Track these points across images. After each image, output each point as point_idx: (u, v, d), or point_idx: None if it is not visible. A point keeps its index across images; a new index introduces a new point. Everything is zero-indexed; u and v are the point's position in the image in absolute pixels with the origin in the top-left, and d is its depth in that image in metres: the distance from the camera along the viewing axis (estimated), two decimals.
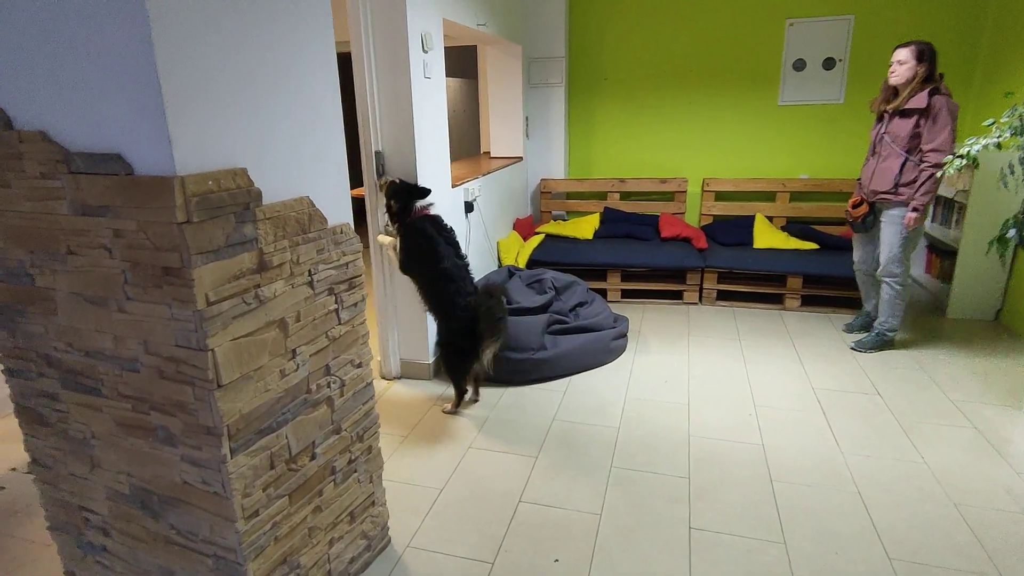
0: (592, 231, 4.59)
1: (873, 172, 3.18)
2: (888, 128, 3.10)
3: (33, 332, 1.47)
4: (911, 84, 2.98)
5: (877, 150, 3.18)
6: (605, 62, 4.87)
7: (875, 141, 3.19)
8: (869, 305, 3.56)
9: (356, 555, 1.82)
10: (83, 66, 1.16)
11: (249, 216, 1.30)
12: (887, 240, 3.19)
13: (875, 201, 3.21)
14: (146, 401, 1.36)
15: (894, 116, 3.06)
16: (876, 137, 3.19)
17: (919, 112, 2.96)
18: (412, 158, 2.79)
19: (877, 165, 3.16)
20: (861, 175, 3.34)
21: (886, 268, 3.22)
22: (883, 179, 3.12)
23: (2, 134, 1.29)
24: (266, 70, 1.34)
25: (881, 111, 3.15)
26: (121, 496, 1.53)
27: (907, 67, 2.98)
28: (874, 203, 3.23)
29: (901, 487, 2.22)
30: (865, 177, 3.26)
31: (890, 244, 3.17)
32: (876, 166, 3.16)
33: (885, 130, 3.12)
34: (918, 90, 2.96)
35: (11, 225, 1.37)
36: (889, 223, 3.16)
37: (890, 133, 3.09)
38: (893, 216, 3.14)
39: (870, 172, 3.21)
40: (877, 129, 3.19)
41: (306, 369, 1.53)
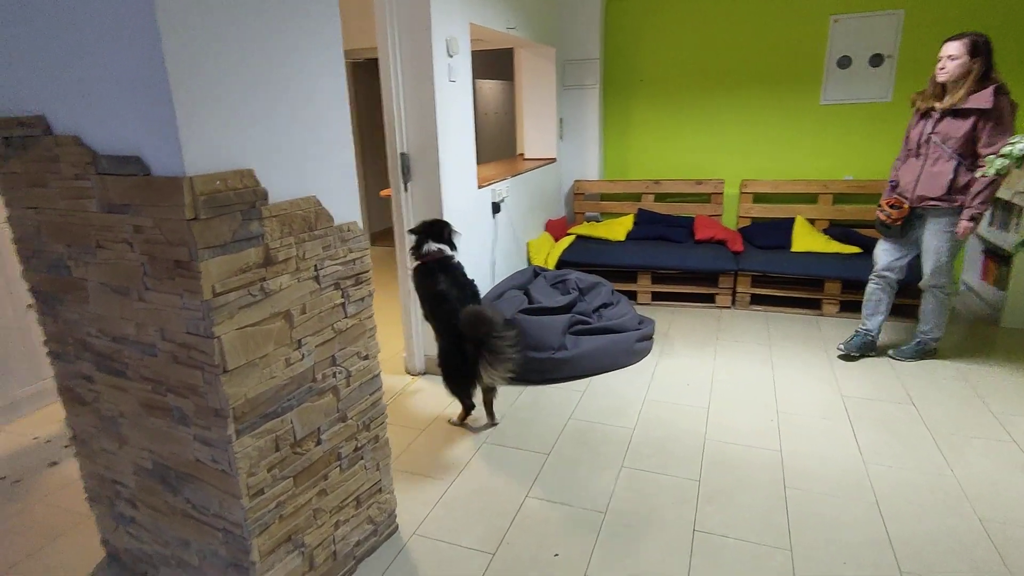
0: (625, 233, 4.57)
1: (919, 176, 2.93)
2: (938, 128, 2.85)
3: (70, 319, 1.62)
4: (965, 81, 2.74)
5: (922, 151, 2.93)
6: (641, 63, 4.84)
7: (919, 141, 2.94)
8: (873, 323, 3.24)
9: (362, 539, 1.90)
10: (107, 78, 1.28)
11: (255, 214, 1.40)
12: (935, 249, 2.97)
13: (920, 207, 2.99)
14: (163, 384, 1.48)
15: (945, 115, 2.81)
16: (920, 137, 2.93)
17: (979, 112, 2.72)
18: (436, 160, 2.87)
19: (924, 168, 2.91)
20: (897, 177, 3.10)
21: (934, 279, 3.03)
22: (933, 184, 2.87)
23: (43, 139, 1.44)
24: (273, 78, 1.44)
25: (926, 108, 2.91)
26: (145, 471, 1.66)
27: (958, 63, 2.73)
28: (914, 208, 3.01)
29: (924, 499, 2.14)
30: (907, 181, 3.00)
31: (938, 253, 2.96)
32: (923, 169, 2.91)
33: (933, 130, 2.87)
34: (975, 88, 2.73)
35: (50, 221, 1.52)
36: (939, 231, 2.93)
37: (940, 133, 2.83)
38: (943, 224, 2.91)
39: (914, 176, 2.96)
40: (920, 128, 2.93)
41: (312, 359, 1.62)
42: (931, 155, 2.90)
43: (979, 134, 2.75)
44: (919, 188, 2.95)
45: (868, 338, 3.24)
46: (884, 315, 3.22)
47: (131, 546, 1.85)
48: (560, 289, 3.49)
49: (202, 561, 1.64)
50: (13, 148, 1.52)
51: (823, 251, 4.02)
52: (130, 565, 1.90)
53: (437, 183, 2.91)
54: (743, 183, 4.68)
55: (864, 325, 3.27)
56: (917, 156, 2.97)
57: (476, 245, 3.38)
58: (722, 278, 4.12)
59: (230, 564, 1.57)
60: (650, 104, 4.91)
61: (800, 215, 4.49)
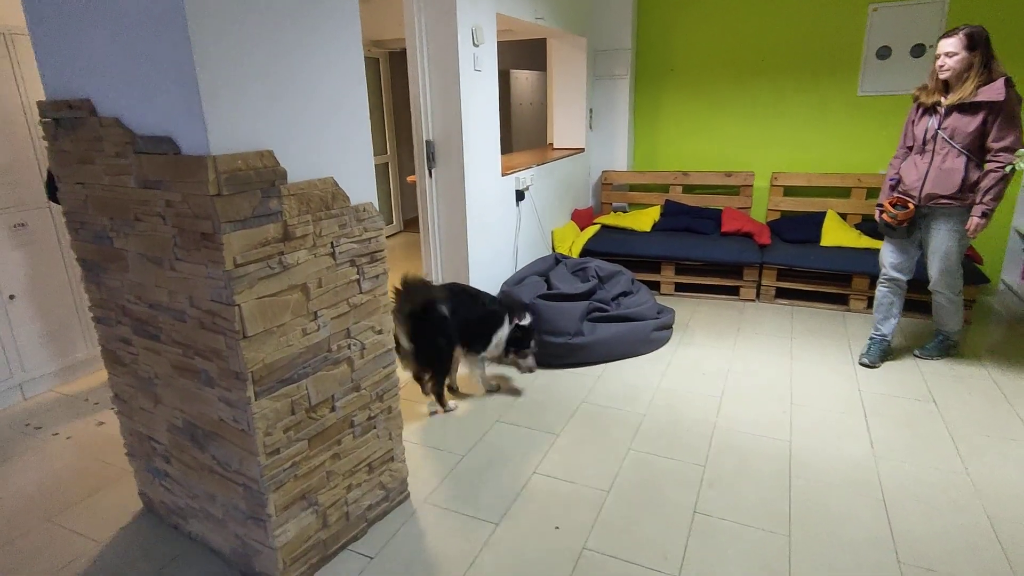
0: (651, 223, 4.58)
1: (926, 174, 2.81)
2: (945, 123, 2.74)
3: (112, 286, 1.77)
4: (969, 75, 2.66)
5: (928, 148, 2.82)
6: (673, 53, 4.81)
7: (924, 138, 2.82)
8: (887, 327, 3.13)
9: (374, 503, 2.01)
10: (142, 64, 1.40)
11: (274, 192, 1.51)
12: (944, 249, 2.86)
13: (929, 206, 2.86)
14: (192, 348, 1.62)
15: (952, 110, 2.72)
16: (925, 133, 2.82)
17: (989, 106, 2.63)
18: (460, 147, 2.95)
19: (934, 165, 2.79)
20: (899, 175, 2.97)
21: (943, 280, 2.93)
22: (945, 182, 2.76)
23: (89, 120, 1.58)
24: (291, 62, 1.54)
25: (931, 104, 2.80)
26: (177, 429, 1.81)
27: (958, 59, 2.64)
28: (920, 207, 2.89)
29: (933, 497, 2.12)
30: (912, 179, 2.88)
31: (947, 253, 2.86)
32: (932, 167, 2.79)
33: (940, 125, 2.77)
34: (982, 80, 2.64)
35: (96, 196, 1.67)
36: (950, 230, 2.83)
37: (948, 129, 2.73)
38: (953, 223, 2.81)
39: (920, 173, 2.84)
40: (924, 123, 2.82)
41: (327, 330, 1.73)
42: (939, 152, 2.79)
43: (988, 128, 2.66)
44: (927, 186, 2.83)
45: (886, 343, 3.16)
46: (897, 318, 3.14)
47: (165, 498, 2.01)
48: (580, 277, 3.54)
49: (225, 514, 1.78)
50: (63, 128, 1.68)
51: (852, 246, 3.95)
52: (164, 516, 2.06)
53: (461, 170, 3.00)
54: (774, 175, 4.61)
55: (879, 330, 3.17)
56: (922, 153, 2.86)
57: (498, 232, 3.45)
58: (747, 271, 4.09)
59: (249, 517, 1.70)
60: (681, 94, 4.87)
61: (832, 209, 4.40)
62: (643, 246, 4.25)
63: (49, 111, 1.69)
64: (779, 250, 4.05)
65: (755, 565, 1.82)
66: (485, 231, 3.28)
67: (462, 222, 3.08)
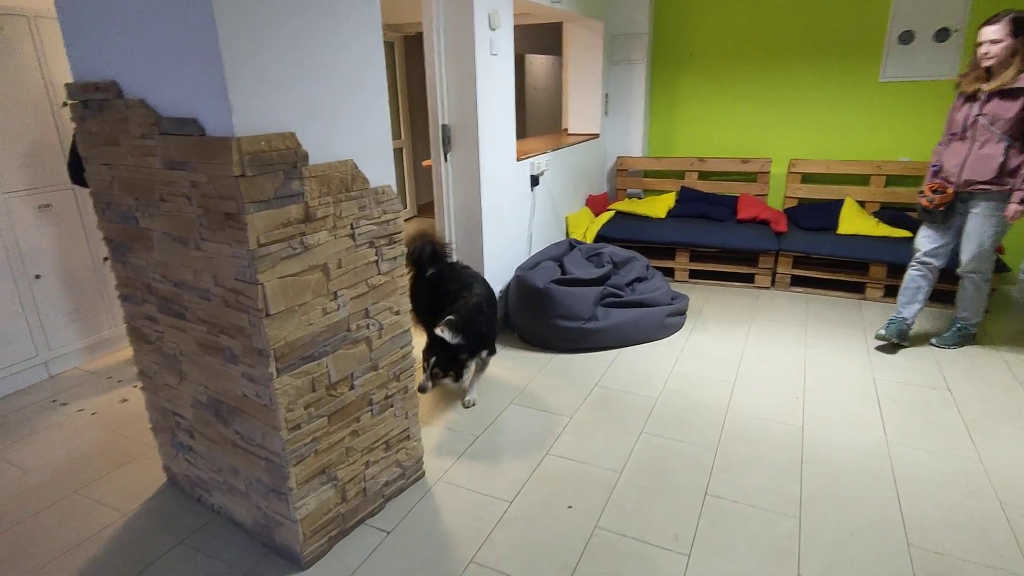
0: (665, 210, 4.56)
1: (965, 159, 2.84)
2: (985, 109, 2.75)
3: (138, 265, 1.81)
4: (1013, 62, 2.65)
5: (968, 134, 2.83)
6: (691, 38, 4.76)
7: (964, 124, 2.85)
8: (909, 311, 3.12)
9: (391, 480, 2.06)
10: (169, 48, 1.43)
11: (296, 173, 1.54)
12: (979, 235, 2.87)
13: (967, 191, 2.88)
14: (216, 325, 1.66)
15: (993, 96, 2.73)
16: (966, 119, 2.84)
17: None
18: (475, 132, 2.96)
19: (972, 151, 2.81)
20: (940, 161, 2.99)
21: (974, 265, 2.93)
22: (983, 167, 2.78)
23: (115, 102, 1.61)
24: (312, 46, 1.56)
25: (972, 91, 2.80)
26: (201, 404, 1.86)
27: (1002, 46, 2.64)
28: (959, 193, 2.92)
29: (944, 482, 2.13)
30: (952, 165, 2.90)
31: (981, 239, 2.87)
32: (971, 152, 2.82)
33: (981, 112, 2.78)
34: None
35: (122, 177, 1.71)
36: (986, 216, 2.84)
37: (988, 115, 2.74)
38: (990, 208, 2.82)
39: (960, 159, 2.86)
40: (966, 110, 2.84)
41: (347, 310, 1.76)
42: (979, 138, 2.80)
43: None
44: (966, 172, 2.85)
45: (904, 326, 3.14)
46: (922, 304, 3.12)
47: (188, 472, 2.07)
48: (594, 262, 3.55)
49: (248, 487, 1.84)
50: (90, 110, 1.71)
51: (870, 234, 3.91)
52: (187, 489, 2.13)
53: (476, 155, 3.01)
54: (792, 162, 4.57)
55: (900, 313, 3.15)
56: (963, 139, 2.87)
57: (513, 217, 3.47)
58: (762, 258, 4.07)
59: (271, 490, 1.75)
60: (698, 80, 4.82)
61: (850, 197, 4.36)
62: (658, 232, 4.25)
63: (76, 93, 1.73)
64: (795, 237, 4.03)
65: (765, 546, 1.85)
66: (500, 216, 3.29)
67: (477, 207, 3.10)
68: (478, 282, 2.77)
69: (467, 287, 2.69)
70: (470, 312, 2.56)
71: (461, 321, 2.50)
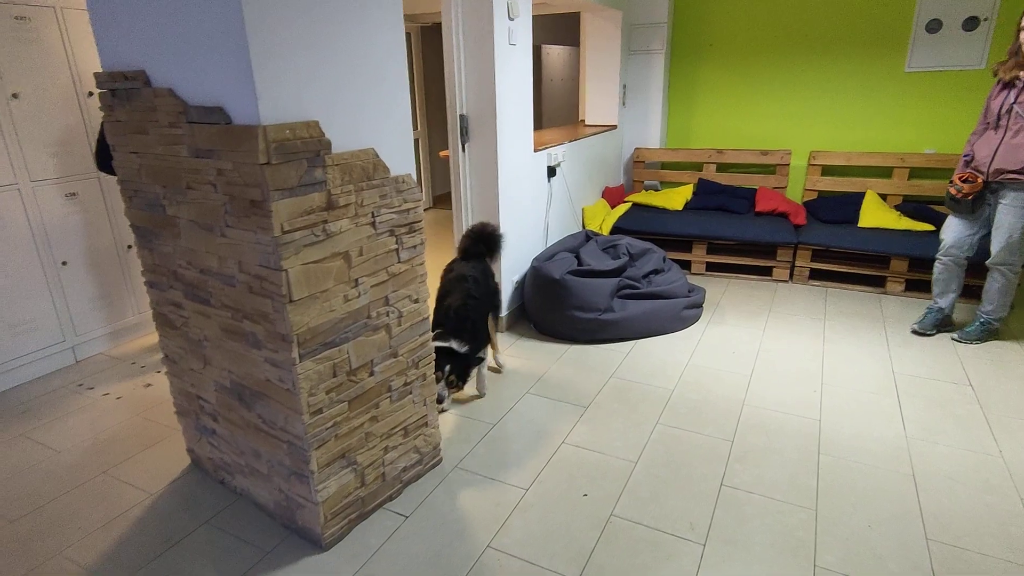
0: (683, 202, 4.53)
1: (997, 148, 2.82)
2: (1021, 98, 2.73)
3: (165, 252, 1.85)
4: None
5: (1002, 123, 2.81)
6: (711, 27, 4.70)
7: (999, 112, 2.82)
8: (945, 301, 3.16)
9: (408, 465, 2.09)
10: (197, 38, 1.45)
11: (319, 162, 1.56)
12: (1008, 225, 2.84)
13: (995, 181, 2.86)
14: (241, 311, 1.69)
15: None
16: (1001, 108, 2.81)
17: None
18: (493, 122, 2.97)
19: (1004, 140, 2.79)
20: (972, 151, 2.97)
21: (1002, 257, 2.90)
22: (1013, 157, 2.76)
23: (143, 91, 1.64)
24: (335, 36, 1.57)
25: (1011, 78, 2.78)
26: (224, 389, 1.90)
27: None
28: (989, 183, 2.89)
29: (964, 476, 2.11)
30: (983, 154, 2.88)
31: (1011, 230, 2.84)
32: (1003, 141, 2.79)
33: (1017, 100, 2.74)
34: None
35: (149, 165, 1.74)
36: (1015, 207, 2.81)
37: (1023, 104, 2.73)
38: (1021, 199, 2.79)
39: (991, 149, 2.84)
40: (1002, 99, 2.82)
41: (367, 298, 1.79)
42: (1012, 127, 2.78)
43: None
44: (996, 161, 2.82)
45: (942, 315, 3.19)
46: (956, 293, 3.15)
47: (212, 455, 2.12)
48: (611, 254, 3.55)
49: (270, 470, 1.88)
50: (119, 99, 1.75)
51: (892, 227, 3.86)
52: (211, 472, 2.18)
53: (494, 145, 3.01)
54: (812, 154, 4.51)
55: (936, 303, 3.21)
56: (996, 128, 2.84)
57: (529, 208, 3.47)
58: (781, 251, 4.03)
59: (293, 473, 1.79)
60: (717, 70, 4.77)
61: (872, 190, 4.29)
62: (675, 224, 4.22)
63: (105, 82, 1.76)
64: (815, 230, 3.98)
65: (781, 537, 1.85)
66: (516, 207, 3.30)
67: (494, 197, 3.11)
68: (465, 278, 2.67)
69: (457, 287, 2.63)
70: (459, 315, 2.51)
71: (453, 329, 2.47)
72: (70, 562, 1.81)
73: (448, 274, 2.75)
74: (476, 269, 2.72)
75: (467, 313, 2.53)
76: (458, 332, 2.47)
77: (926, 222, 3.86)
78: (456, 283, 2.65)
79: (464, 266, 2.73)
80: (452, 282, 2.67)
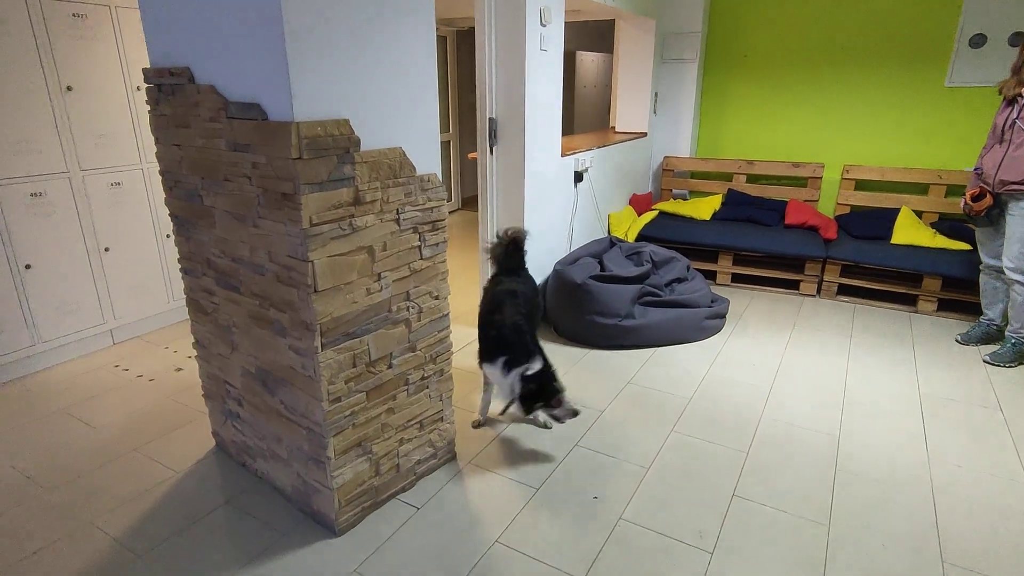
0: (711, 212, 4.50)
1: (1001, 161, 2.92)
2: (1022, 114, 2.83)
3: (200, 240, 1.94)
4: None
5: (1006, 137, 2.91)
6: (746, 38, 4.67)
7: (1003, 127, 2.93)
8: (994, 312, 3.25)
9: (423, 458, 2.14)
10: (238, 39, 1.53)
11: (349, 158, 1.62)
12: (1018, 235, 2.92)
13: (1002, 192, 2.94)
14: (268, 299, 1.76)
15: None
16: (1005, 123, 2.92)
17: None
18: (522, 126, 3.01)
19: (1007, 153, 2.90)
20: (981, 164, 3.07)
21: (1017, 266, 2.94)
22: (1015, 169, 2.86)
23: (187, 87, 1.73)
24: (368, 38, 1.64)
25: (1013, 95, 2.88)
26: (250, 374, 1.97)
27: None
28: (999, 195, 2.96)
29: (987, 500, 2.06)
30: (989, 166, 2.99)
31: (1022, 239, 2.90)
32: (1005, 154, 2.91)
33: (1018, 115, 2.84)
34: None
35: (190, 157, 1.83)
36: (1021, 216, 2.89)
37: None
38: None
39: (996, 161, 2.95)
40: (1006, 115, 2.93)
41: (389, 292, 1.84)
42: (1015, 140, 2.89)
43: None
44: (1000, 173, 2.94)
45: (992, 327, 3.26)
46: (1005, 302, 3.17)
47: (236, 438, 2.20)
48: (634, 260, 3.55)
49: (290, 455, 1.94)
50: (164, 94, 1.84)
51: (927, 245, 3.77)
52: (234, 455, 2.26)
53: (521, 148, 3.06)
54: (846, 168, 4.44)
55: (986, 315, 3.28)
56: (1001, 143, 2.95)
57: (555, 212, 3.50)
58: (809, 265, 3.98)
59: (311, 459, 1.85)
60: (751, 81, 4.74)
61: (907, 206, 4.20)
62: (701, 234, 4.20)
63: (152, 77, 1.86)
64: (845, 245, 3.92)
65: (791, 550, 1.84)
66: (542, 210, 3.33)
67: (520, 200, 3.15)
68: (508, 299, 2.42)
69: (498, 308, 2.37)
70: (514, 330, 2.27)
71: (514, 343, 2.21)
72: (100, 531, 1.90)
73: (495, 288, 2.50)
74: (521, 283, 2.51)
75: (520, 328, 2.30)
76: (525, 351, 2.22)
77: (962, 240, 3.76)
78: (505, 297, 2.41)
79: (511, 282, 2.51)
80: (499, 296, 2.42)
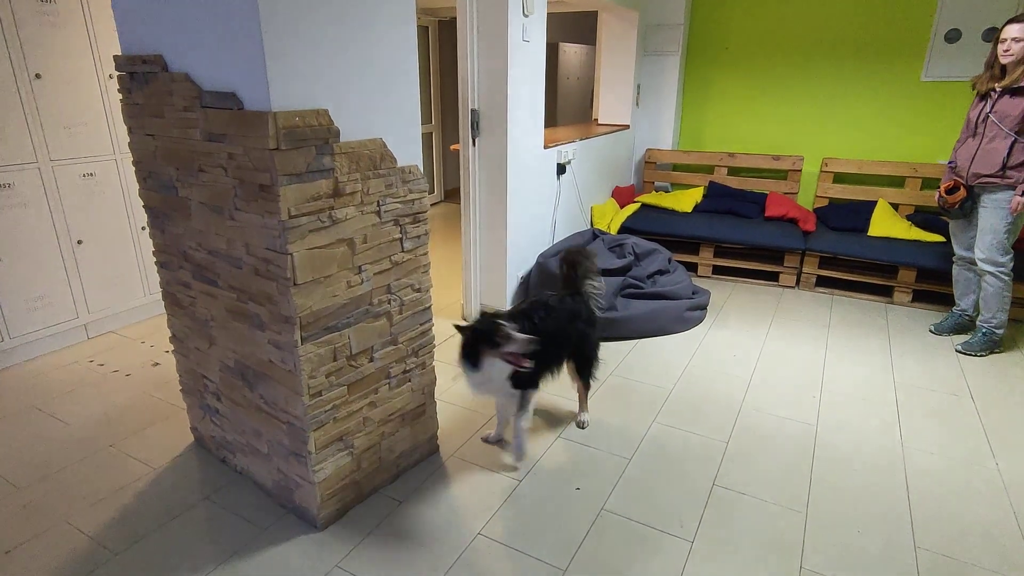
0: (692, 204, 4.53)
1: (974, 154, 2.99)
2: (996, 107, 2.89)
3: (176, 233, 1.90)
4: None
5: (979, 131, 2.97)
6: (727, 31, 4.69)
7: (976, 121, 2.99)
8: (966, 302, 3.32)
9: (405, 452, 2.13)
10: (213, 25, 1.49)
11: (328, 149, 1.59)
12: (989, 226, 2.98)
13: (975, 185, 3.00)
14: (246, 292, 1.73)
15: (1003, 95, 2.87)
16: (978, 117, 2.98)
17: None
18: (504, 117, 2.99)
19: (980, 146, 2.96)
20: (954, 158, 3.14)
21: (989, 257, 3.00)
22: (988, 161, 2.92)
23: (161, 75, 1.69)
24: (346, 26, 1.61)
25: (987, 90, 2.93)
26: (228, 368, 1.95)
27: (1022, 44, 2.75)
28: (972, 187, 3.02)
29: (959, 487, 2.11)
30: (963, 160, 3.06)
31: (994, 230, 2.97)
32: (979, 147, 2.97)
33: (992, 109, 2.90)
34: None
35: (164, 147, 1.79)
36: (994, 208, 2.96)
37: (997, 112, 2.89)
38: (998, 200, 2.93)
39: (969, 154, 3.01)
40: (979, 109, 2.98)
41: (369, 285, 1.82)
42: (987, 134, 2.94)
43: None
44: (974, 166, 2.99)
45: (964, 318, 3.33)
46: (976, 293, 3.24)
47: (215, 433, 2.17)
48: (616, 253, 3.56)
49: (270, 450, 1.92)
50: (136, 82, 1.79)
51: (902, 237, 3.84)
52: (213, 450, 2.23)
53: (504, 140, 3.04)
54: (824, 161, 4.49)
55: (958, 306, 3.34)
56: (974, 136, 3.01)
57: (538, 204, 3.49)
58: (788, 257, 4.03)
59: (292, 453, 1.83)
60: (732, 74, 4.76)
61: (883, 199, 4.27)
62: (683, 226, 4.23)
63: (124, 65, 1.81)
64: (824, 237, 3.97)
65: (769, 538, 1.87)
66: (525, 202, 3.32)
67: (502, 192, 3.13)
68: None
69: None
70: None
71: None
72: (74, 529, 1.87)
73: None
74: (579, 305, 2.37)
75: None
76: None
77: (937, 233, 3.84)
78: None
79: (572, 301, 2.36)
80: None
